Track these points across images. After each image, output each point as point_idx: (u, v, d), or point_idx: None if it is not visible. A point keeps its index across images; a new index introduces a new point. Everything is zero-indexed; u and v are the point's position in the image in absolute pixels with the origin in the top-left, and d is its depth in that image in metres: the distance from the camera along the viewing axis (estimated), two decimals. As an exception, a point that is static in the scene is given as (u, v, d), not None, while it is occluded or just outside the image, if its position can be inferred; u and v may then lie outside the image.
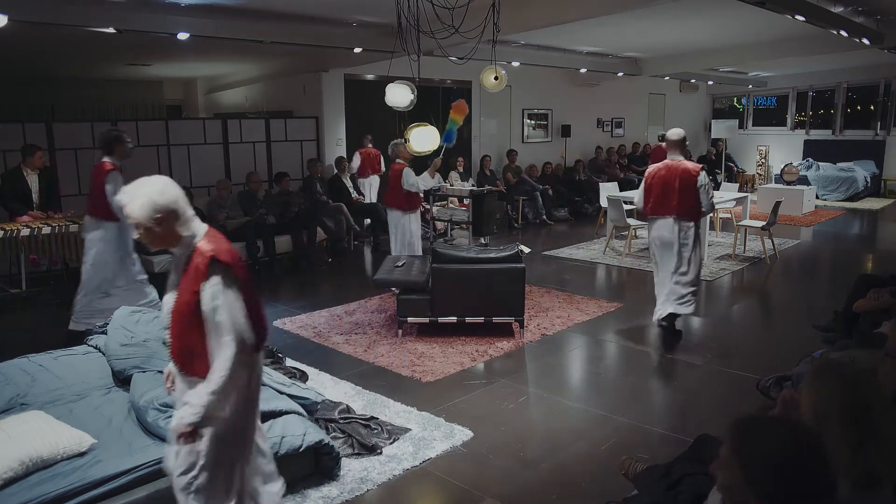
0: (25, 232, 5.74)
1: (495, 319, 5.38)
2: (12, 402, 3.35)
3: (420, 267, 5.68)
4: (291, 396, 3.45)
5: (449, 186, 9.67)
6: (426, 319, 5.38)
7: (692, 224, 5.22)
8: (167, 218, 2.22)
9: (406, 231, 6.63)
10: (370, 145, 9.67)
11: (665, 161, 5.30)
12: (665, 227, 5.25)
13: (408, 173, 6.45)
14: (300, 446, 3.14)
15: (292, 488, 3.18)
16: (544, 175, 11.71)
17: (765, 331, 5.99)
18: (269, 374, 3.62)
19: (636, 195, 5.59)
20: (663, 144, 6.53)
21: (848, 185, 13.48)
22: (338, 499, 3.13)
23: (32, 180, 6.44)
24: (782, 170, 13.23)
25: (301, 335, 5.52)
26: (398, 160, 6.56)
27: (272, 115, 9.96)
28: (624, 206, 8.67)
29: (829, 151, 14.84)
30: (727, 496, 1.56)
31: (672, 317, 5.47)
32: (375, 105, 7.27)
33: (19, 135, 7.01)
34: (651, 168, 5.39)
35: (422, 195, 6.81)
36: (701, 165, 5.31)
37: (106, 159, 5.23)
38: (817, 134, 15.55)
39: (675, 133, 5.29)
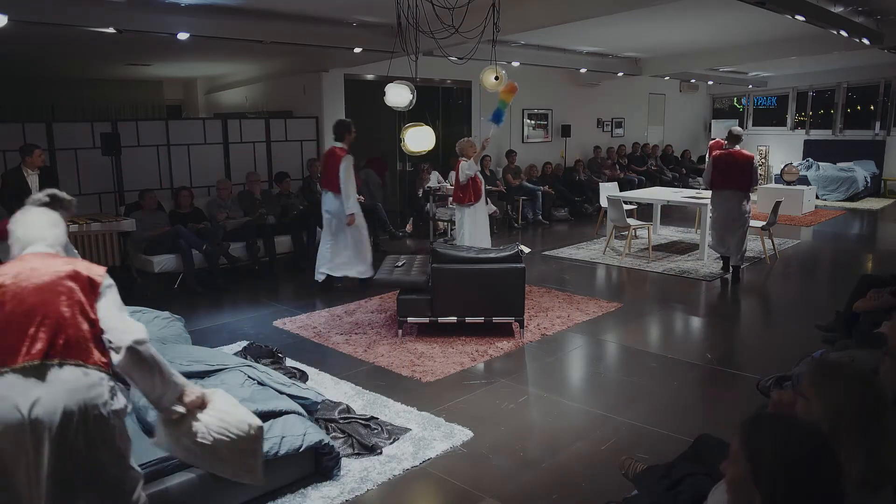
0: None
1: (495, 319, 5.38)
2: None
3: (420, 267, 5.69)
4: (291, 396, 3.45)
5: (449, 186, 9.66)
6: (426, 319, 5.38)
7: (746, 194, 7.12)
8: None
9: (474, 222, 6.95)
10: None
11: (728, 149, 7.19)
12: (727, 195, 7.09)
13: (466, 165, 6.82)
14: (300, 446, 3.14)
15: (292, 488, 3.19)
16: (544, 175, 11.71)
17: (765, 331, 5.99)
18: (269, 374, 3.62)
19: (704, 175, 7.49)
20: (720, 139, 9.51)
21: (848, 185, 13.48)
22: (338, 499, 3.13)
23: (33, 180, 6.44)
24: (782, 170, 13.23)
25: (301, 335, 5.52)
26: (462, 157, 6.91)
27: (272, 115, 9.96)
28: (623, 206, 8.67)
29: (829, 151, 14.84)
30: (733, 491, 1.56)
31: (733, 268, 7.32)
32: (375, 105, 7.28)
33: (19, 135, 7.01)
34: (716, 153, 7.23)
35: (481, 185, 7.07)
36: (751, 154, 7.24)
37: (337, 144, 6.63)
38: (817, 134, 15.56)
39: (737, 130, 7.44)
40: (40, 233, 2.25)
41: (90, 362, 2.07)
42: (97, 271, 2.19)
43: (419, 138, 5.81)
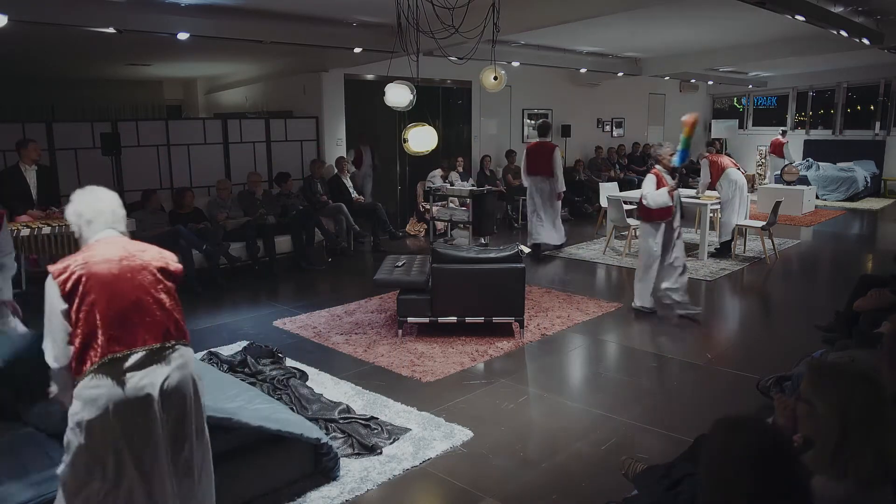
0: (25, 232, 5.74)
1: (495, 319, 5.38)
2: None
3: (420, 267, 5.69)
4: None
5: (449, 186, 9.67)
6: (426, 319, 5.38)
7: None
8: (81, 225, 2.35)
9: (644, 243, 6.03)
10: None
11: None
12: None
13: (649, 181, 5.87)
14: (301, 434, 3.15)
15: (292, 488, 3.19)
16: (544, 175, 11.70)
17: (765, 331, 5.99)
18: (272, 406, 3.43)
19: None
20: (780, 136, 12.67)
21: (848, 185, 13.48)
22: (338, 499, 3.13)
23: (31, 176, 6.45)
24: (782, 170, 13.23)
25: (301, 335, 5.52)
26: (657, 166, 5.98)
27: (272, 115, 9.96)
28: (623, 206, 8.67)
29: (829, 151, 14.83)
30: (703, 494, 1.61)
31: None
32: (375, 105, 7.28)
33: (19, 135, 7.00)
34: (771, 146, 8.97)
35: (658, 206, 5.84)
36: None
37: (545, 139, 8.35)
38: (817, 134, 15.56)
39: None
40: (112, 216, 2.37)
41: (187, 339, 2.42)
42: (173, 261, 2.44)
43: (422, 138, 5.81)
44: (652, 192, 5.78)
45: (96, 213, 2.33)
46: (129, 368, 2.22)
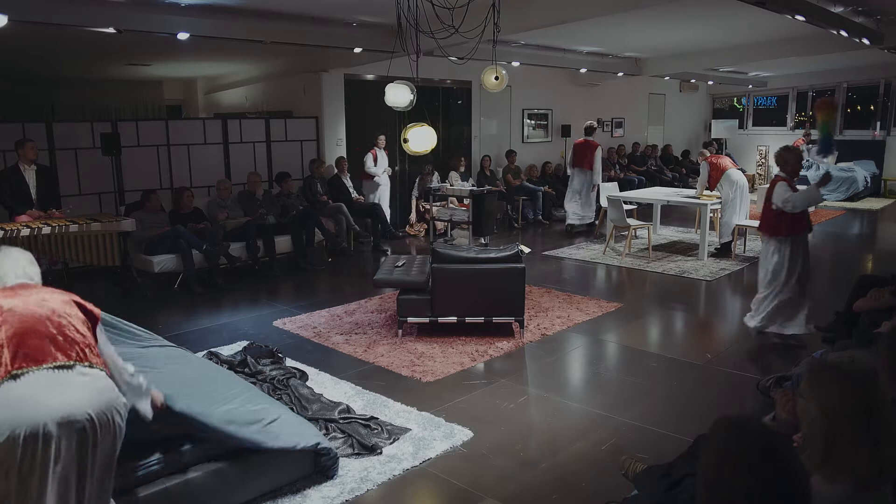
0: (25, 232, 5.74)
1: (495, 319, 5.38)
2: None
3: (420, 267, 5.69)
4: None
5: (449, 186, 9.66)
6: (426, 319, 5.38)
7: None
8: None
9: (767, 261, 5.17)
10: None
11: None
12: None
13: (782, 189, 4.95)
14: (294, 445, 3.14)
15: (292, 488, 3.19)
16: (544, 175, 11.72)
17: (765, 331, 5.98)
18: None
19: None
20: (802, 139, 12.36)
21: (848, 185, 13.47)
22: (338, 499, 3.13)
23: (30, 176, 6.45)
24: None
25: (301, 335, 5.52)
26: (779, 173, 5.12)
27: (272, 115, 9.96)
28: (623, 206, 8.67)
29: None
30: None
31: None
32: (375, 105, 7.28)
33: (19, 134, 7.00)
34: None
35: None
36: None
37: (589, 138, 9.91)
38: (818, 134, 15.54)
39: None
40: (24, 269, 2.47)
41: (103, 366, 2.30)
42: (92, 306, 2.42)
43: (421, 138, 5.80)
44: (794, 193, 4.89)
45: (8, 269, 2.44)
46: (34, 387, 2.11)
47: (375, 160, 9.39)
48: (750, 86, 15.88)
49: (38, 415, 2.05)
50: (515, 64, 9.62)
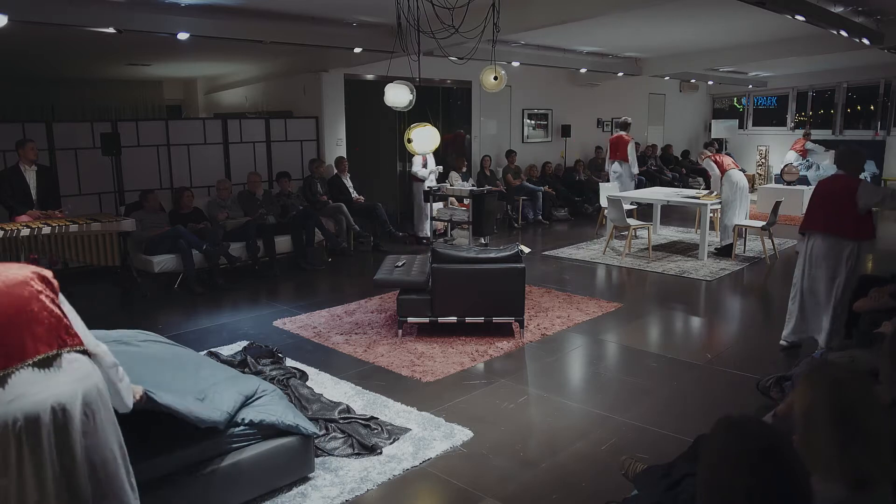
0: (25, 232, 5.74)
1: (495, 319, 5.38)
2: None
3: (420, 267, 5.69)
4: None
5: (449, 186, 9.66)
6: (426, 319, 5.38)
7: None
8: None
9: (842, 267, 4.78)
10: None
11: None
12: None
13: (869, 189, 4.79)
14: (276, 422, 3.15)
15: (292, 488, 3.19)
16: (544, 175, 11.72)
17: (765, 331, 5.98)
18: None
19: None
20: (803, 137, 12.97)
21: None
22: (338, 499, 3.13)
23: (30, 176, 6.45)
24: (782, 170, 13.22)
25: (301, 335, 5.52)
26: (843, 171, 4.96)
27: (272, 115, 9.96)
28: (623, 206, 8.67)
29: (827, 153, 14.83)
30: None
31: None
32: (375, 105, 7.27)
33: (19, 135, 7.01)
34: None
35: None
36: None
37: (622, 133, 10.29)
38: (817, 134, 15.52)
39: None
40: None
41: (81, 344, 2.18)
42: (48, 272, 2.24)
43: (424, 138, 5.80)
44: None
45: None
46: (23, 383, 2.05)
47: (424, 163, 9.39)
48: (750, 86, 15.87)
49: (30, 408, 2.02)
50: (515, 64, 9.62)
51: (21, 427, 2.01)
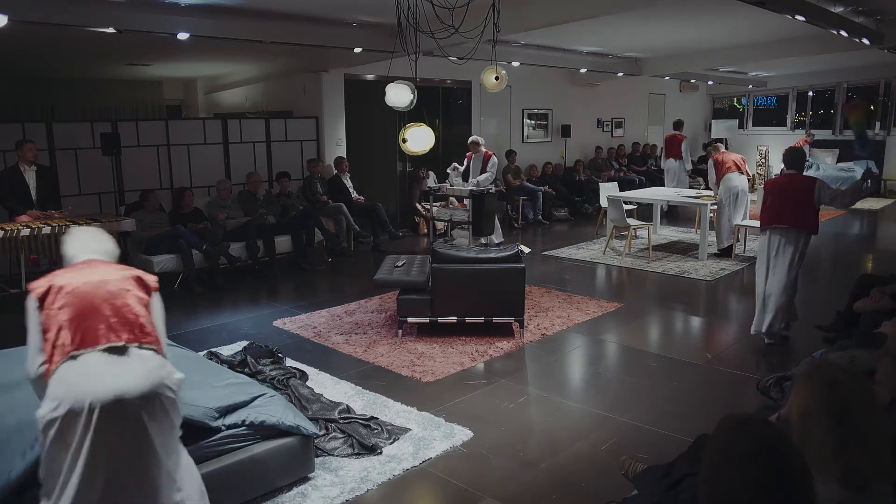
0: (25, 232, 5.74)
1: (495, 319, 5.38)
2: None
3: (420, 267, 5.68)
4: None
5: (449, 186, 9.66)
6: (426, 319, 5.38)
7: None
8: None
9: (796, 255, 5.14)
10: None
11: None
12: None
13: (825, 188, 5.05)
14: (277, 422, 3.15)
15: (292, 488, 3.19)
16: (544, 175, 11.72)
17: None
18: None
19: None
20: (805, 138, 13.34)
21: (848, 185, 13.46)
22: (338, 499, 3.13)
23: (30, 176, 6.45)
24: (782, 170, 13.21)
25: (301, 335, 5.52)
26: (791, 170, 5.30)
27: (272, 115, 9.96)
28: (623, 206, 8.67)
29: (829, 151, 14.83)
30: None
31: None
32: (375, 105, 7.27)
33: (19, 135, 7.00)
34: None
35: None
36: None
37: (677, 132, 11.21)
38: (817, 134, 15.55)
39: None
40: (90, 245, 2.61)
41: (157, 346, 2.43)
42: (152, 277, 2.60)
43: (419, 138, 5.80)
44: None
45: (77, 249, 2.57)
46: (91, 367, 2.25)
47: (458, 172, 9.39)
48: (750, 86, 15.88)
49: (95, 393, 2.20)
50: (515, 64, 9.62)
51: (87, 408, 2.19)
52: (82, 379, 2.22)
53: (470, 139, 9.04)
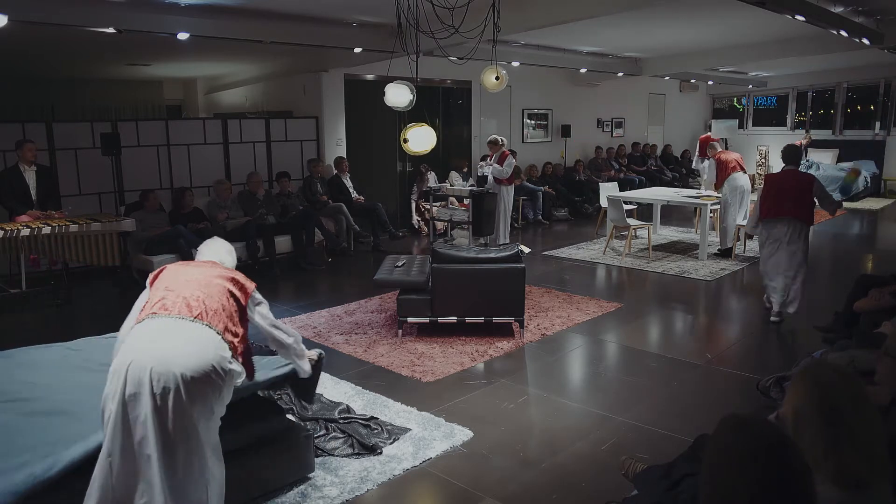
0: (25, 232, 5.74)
1: (495, 319, 5.38)
2: None
3: (420, 267, 5.69)
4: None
5: (449, 186, 9.66)
6: (426, 319, 5.38)
7: None
8: None
9: (803, 245, 5.79)
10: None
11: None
12: None
13: (821, 188, 5.77)
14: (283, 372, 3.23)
15: (292, 488, 3.19)
16: (544, 175, 11.72)
17: (765, 331, 5.98)
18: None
19: None
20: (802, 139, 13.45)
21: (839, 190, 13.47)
22: (338, 499, 3.13)
23: (30, 176, 6.46)
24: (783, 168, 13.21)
25: (301, 335, 5.51)
26: (790, 166, 5.87)
27: (272, 115, 9.96)
28: (623, 206, 8.67)
29: (829, 151, 14.83)
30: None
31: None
32: (375, 105, 7.27)
33: (19, 135, 7.00)
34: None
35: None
36: None
37: (710, 133, 11.06)
38: (817, 134, 15.55)
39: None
40: (215, 252, 2.99)
41: (224, 331, 2.59)
42: (251, 283, 2.85)
43: (421, 138, 5.80)
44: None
45: (204, 252, 3.00)
46: (152, 330, 2.49)
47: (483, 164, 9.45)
48: (750, 86, 15.87)
49: (143, 357, 2.38)
50: (515, 64, 9.62)
51: (130, 371, 2.37)
52: (137, 341, 2.46)
53: (489, 138, 9.24)
